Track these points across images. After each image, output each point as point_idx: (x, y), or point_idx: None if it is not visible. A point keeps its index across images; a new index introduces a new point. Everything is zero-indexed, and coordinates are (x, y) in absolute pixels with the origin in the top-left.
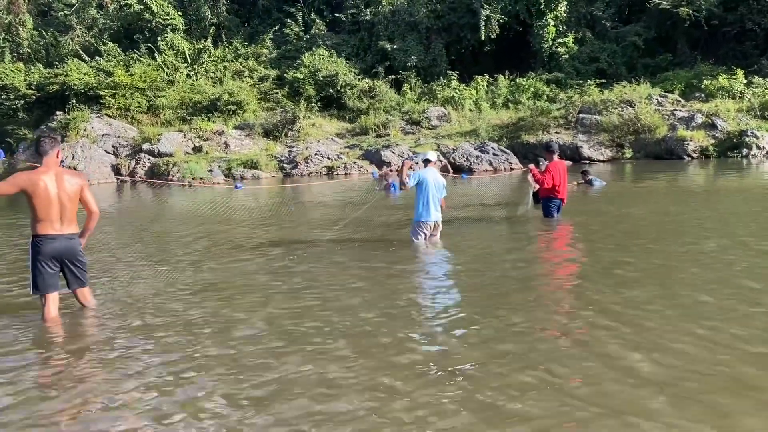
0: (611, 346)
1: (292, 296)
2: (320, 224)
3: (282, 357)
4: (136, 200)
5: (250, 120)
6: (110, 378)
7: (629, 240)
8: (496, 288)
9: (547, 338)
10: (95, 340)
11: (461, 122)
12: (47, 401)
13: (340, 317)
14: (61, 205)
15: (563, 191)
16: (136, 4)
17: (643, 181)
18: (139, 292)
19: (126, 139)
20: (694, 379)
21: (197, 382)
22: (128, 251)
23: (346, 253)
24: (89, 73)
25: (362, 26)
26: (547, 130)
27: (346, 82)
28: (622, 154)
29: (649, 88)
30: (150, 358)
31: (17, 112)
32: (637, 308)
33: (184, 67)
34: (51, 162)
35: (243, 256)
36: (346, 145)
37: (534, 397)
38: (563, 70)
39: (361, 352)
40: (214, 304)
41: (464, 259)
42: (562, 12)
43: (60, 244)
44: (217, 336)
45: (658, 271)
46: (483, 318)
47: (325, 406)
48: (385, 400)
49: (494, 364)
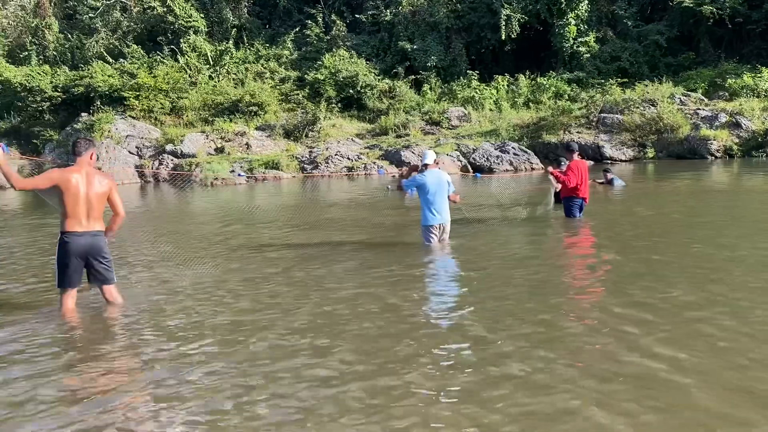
0: (645, 359)
1: (301, 297)
2: (331, 225)
3: (310, 369)
4: (160, 200)
5: (271, 121)
6: (123, 368)
7: (658, 240)
8: (521, 292)
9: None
10: (108, 332)
11: (481, 122)
12: (63, 391)
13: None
14: (88, 204)
15: (585, 190)
16: (160, 6)
17: (667, 180)
18: (162, 289)
19: (149, 140)
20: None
21: (195, 370)
22: (150, 249)
23: (357, 255)
24: (113, 75)
25: (382, 27)
26: (568, 129)
27: (366, 82)
28: (644, 153)
29: (671, 87)
30: (161, 350)
31: (43, 113)
32: (681, 315)
33: (207, 69)
34: (84, 162)
35: (270, 255)
36: (366, 145)
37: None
38: (584, 70)
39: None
40: (222, 304)
41: (483, 264)
42: (583, 11)
43: (85, 241)
44: (229, 333)
45: (694, 272)
46: (520, 330)
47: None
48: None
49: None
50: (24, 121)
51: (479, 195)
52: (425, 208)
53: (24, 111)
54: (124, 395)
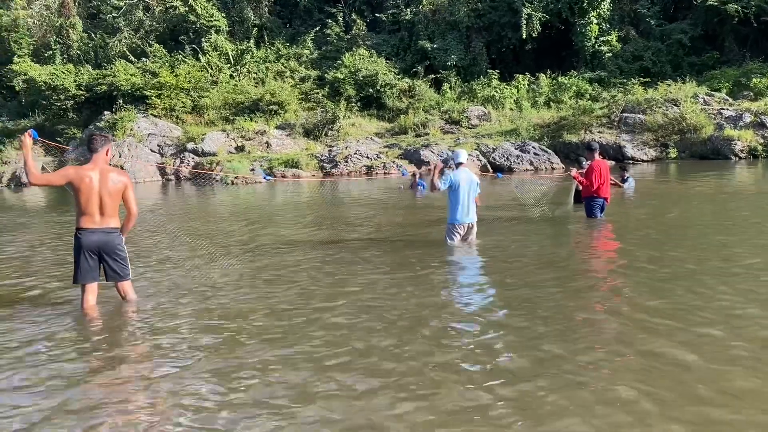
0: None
1: (330, 294)
2: (350, 223)
3: (325, 371)
4: (181, 197)
5: (291, 120)
6: (142, 364)
7: (679, 241)
8: (546, 295)
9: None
10: (127, 329)
11: (501, 121)
12: (81, 386)
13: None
14: (101, 200)
15: (606, 190)
16: (182, 6)
17: (691, 181)
18: (181, 286)
19: (171, 139)
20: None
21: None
22: (171, 246)
23: (379, 254)
24: (136, 74)
25: (402, 26)
26: (589, 129)
27: (385, 81)
28: (666, 154)
29: (694, 86)
30: (180, 350)
31: (67, 111)
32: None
33: (228, 68)
34: (100, 159)
35: (289, 252)
36: (385, 144)
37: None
38: (606, 69)
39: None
40: (247, 299)
41: (502, 266)
42: (605, 10)
43: (98, 237)
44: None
45: (725, 277)
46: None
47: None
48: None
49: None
50: (48, 119)
51: (500, 195)
52: (455, 206)
53: (48, 109)
54: (141, 391)
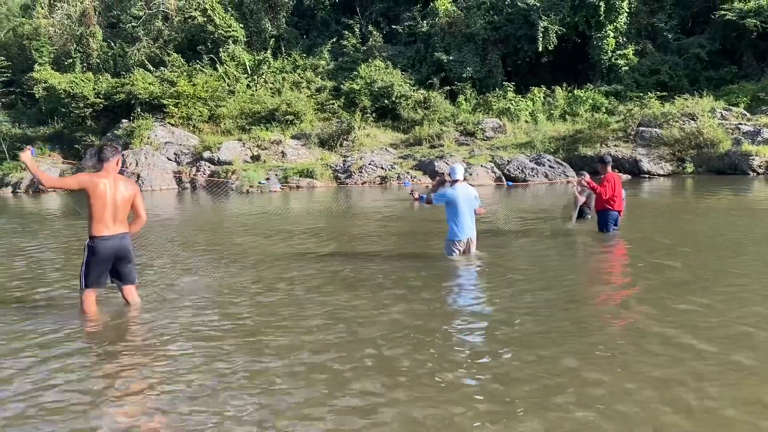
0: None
1: (326, 314)
2: (356, 235)
3: (321, 378)
4: (196, 206)
5: (306, 130)
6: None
7: (699, 260)
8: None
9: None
10: (135, 332)
11: (516, 134)
12: (89, 384)
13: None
14: (114, 208)
15: (619, 203)
16: (200, 16)
17: (709, 196)
18: (184, 292)
19: (187, 147)
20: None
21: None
22: (181, 253)
23: (380, 267)
24: (154, 83)
25: (419, 38)
26: (605, 142)
27: (401, 93)
28: (683, 168)
29: (712, 101)
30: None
31: (86, 119)
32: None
33: (245, 78)
34: (111, 168)
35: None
36: (400, 155)
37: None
38: (623, 83)
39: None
40: (248, 311)
41: (512, 277)
42: (622, 23)
43: (113, 243)
44: (245, 345)
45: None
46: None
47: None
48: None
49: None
50: (67, 127)
51: (508, 206)
52: (453, 222)
53: (67, 117)
54: (148, 394)
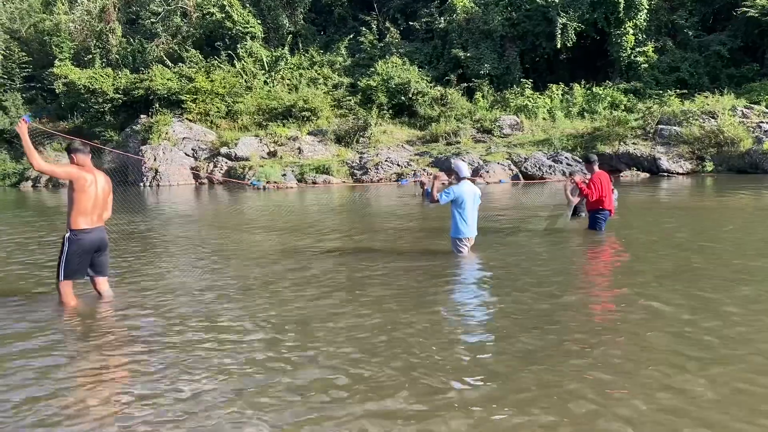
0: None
1: (331, 302)
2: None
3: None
4: (214, 201)
5: (323, 126)
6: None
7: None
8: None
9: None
10: (112, 320)
11: (534, 131)
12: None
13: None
14: (96, 202)
15: (609, 203)
16: (218, 12)
17: (729, 195)
18: (166, 286)
19: (205, 143)
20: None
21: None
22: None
23: (386, 266)
24: (172, 79)
25: (436, 34)
26: (623, 140)
27: (418, 89)
28: (702, 167)
29: (733, 99)
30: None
31: (105, 114)
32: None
33: (262, 74)
34: (89, 163)
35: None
36: (416, 152)
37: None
38: (642, 80)
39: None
40: (229, 301)
41: (503, 274)
42: (642, 20)
43: (96, 236)
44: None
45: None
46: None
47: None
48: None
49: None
50: (86, 122)
51: (505, 204)
52: (459, 219)
53: (87, 112)
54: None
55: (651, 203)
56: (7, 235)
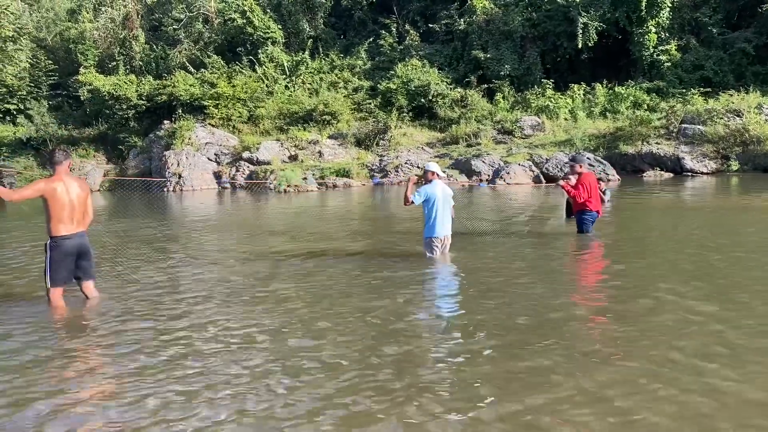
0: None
1: (297, 307)
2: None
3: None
4: (236, 205)
5: (343, 129)
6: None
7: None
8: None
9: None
10: (97, 322)
11: (555, 131)
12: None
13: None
14: (71, 208)
15: (596, 204)
16: (240, 18)
17: (755, 195)
18: (153, 284)
19: (227, 148)
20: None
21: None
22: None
23: (359, 266)
24: (194, 85)
25: (456, 36)
26: (646, 140)
27: (438, 91)
28: (727, 166)
29: (759, 97)
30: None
31: (129, 121)
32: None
33: (283, 79)
34: (63, 171)
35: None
36: (437, 154)
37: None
38: (665, 79)
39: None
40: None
41: (487, 278)
42: (664, 18)
43: (75, 242)
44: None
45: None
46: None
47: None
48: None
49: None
50: (111, 128)
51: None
52: (432, 220)
53: (111, 118)
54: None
55: (674, 203)
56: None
